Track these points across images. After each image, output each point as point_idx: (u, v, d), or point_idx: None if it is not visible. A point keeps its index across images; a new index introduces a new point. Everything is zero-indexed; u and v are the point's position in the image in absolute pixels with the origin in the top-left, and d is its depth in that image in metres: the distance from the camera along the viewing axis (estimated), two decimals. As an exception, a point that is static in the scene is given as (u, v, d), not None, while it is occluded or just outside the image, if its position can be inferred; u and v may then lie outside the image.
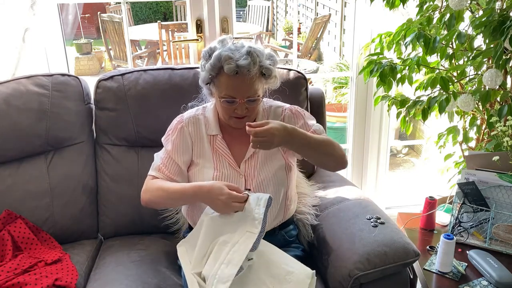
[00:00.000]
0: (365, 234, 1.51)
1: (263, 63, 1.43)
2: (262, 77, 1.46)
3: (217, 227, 1.42)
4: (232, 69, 1.38)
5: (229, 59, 1.38)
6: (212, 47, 1.47)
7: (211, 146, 1.57)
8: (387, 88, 1.87)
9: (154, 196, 1.53)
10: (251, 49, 1.41)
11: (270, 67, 1.45)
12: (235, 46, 1.43)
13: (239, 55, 1.39)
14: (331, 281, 1.51)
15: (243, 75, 1.39)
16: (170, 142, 1.57)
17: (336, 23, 5.99)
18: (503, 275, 1.54)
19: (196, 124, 1.58)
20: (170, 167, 1.55)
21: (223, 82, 1.43)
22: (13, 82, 1.77)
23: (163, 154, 1.57)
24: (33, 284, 1.46)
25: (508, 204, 1.73)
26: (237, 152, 1.56)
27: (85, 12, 8.33)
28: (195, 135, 1.57)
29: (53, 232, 1.76)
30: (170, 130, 1.59)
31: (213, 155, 1.56)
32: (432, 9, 1.78)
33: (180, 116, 1.61)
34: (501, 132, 1.71)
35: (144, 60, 5.58)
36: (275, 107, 1.62)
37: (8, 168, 1.76)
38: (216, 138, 1.57)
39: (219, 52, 1.41)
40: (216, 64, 1.41)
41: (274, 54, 1.50)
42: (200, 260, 1.41)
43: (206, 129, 1.58)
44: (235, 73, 1.39)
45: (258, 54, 1.42)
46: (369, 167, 2.58)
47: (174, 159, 1.55)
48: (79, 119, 1.84)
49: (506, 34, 1.45)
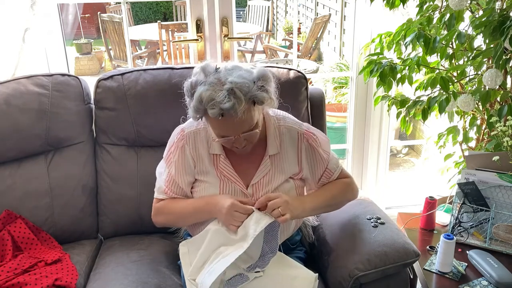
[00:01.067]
0: (365, 234, 1.51)
1: (252, 94, 1.29)
2: (255, 105, 1.33)
3: (220, 240, 1.41)
4: (216, 113, 1.26)
5: (211, 101, 1.26)
6: (193, 83, 1.33)
7: (215, 166, 1.47)
8: (387, 88, 1.87)
9: (167, 220, 1.55)
10: (233, 85, 1.26)
11: (260, 96, 1.30)
12: (218, 79, 1.29)
13: (221, 96, 1.25)
14: (331, 281, 1.51)
15: (231, 115, 1.27)
16: (173, 165, 1.49)
17: (336, 23, 5.99)
18: (503, 275, 1.54)
19: (197, 140, 1.48)
20: (174, 189, 1.51)
21: (212, 123, 1.35)
22: (13, 82, 1.77)
23: (166, 176, 1.51)
24: (33, 284, 1.46)
25: (508, 204, 1.73)
26: (243, 172, 1.47)
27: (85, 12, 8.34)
28: (195, 154, 1.48)
29: (53, 232, 1.76)
30: (172, 147, 1.50)
31: (218, 176, 1.47)
32: (432, 9, 1.78)
33: (181, 129, 1.51)
34: (501, 132, 1.71)
35: (144, 60, 5.58)
36: (288, 127, 1.50)
37: (8, 168, 1.76)
38: (220, 158, 1.47)
39: (200, 93, 1.28)
40: (199, 107, 1.30)
41: (266, 72, 1.34)
42: (198, 268, 1.42)
43: (208, 147, 1.47)
44: (221, 115, 1.27)
45: (242, 89, 1.27)
46: (369, 167, 2.58)
47: (178, 182, 1.49)
48: (79, 119, 1.84)
49: (506, 34, 1.45)
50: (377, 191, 2.64)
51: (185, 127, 1.51)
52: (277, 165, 1.49)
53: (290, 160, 1.50)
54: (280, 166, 1.49)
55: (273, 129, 1.48)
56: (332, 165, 1.54)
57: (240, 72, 1.32)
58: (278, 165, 1.49)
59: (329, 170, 1.53)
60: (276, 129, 1.49)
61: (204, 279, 1.33)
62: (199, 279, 1.37)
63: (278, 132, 1.49)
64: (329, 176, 1.54)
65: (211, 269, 1.34)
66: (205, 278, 1.33)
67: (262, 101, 1.32)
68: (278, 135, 1.49)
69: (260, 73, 1.33)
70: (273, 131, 1.48)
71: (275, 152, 1.48)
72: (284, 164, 1.49)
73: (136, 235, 1.83)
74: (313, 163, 1.52)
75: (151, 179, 1.61)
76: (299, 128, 1.51)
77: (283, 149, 1.49)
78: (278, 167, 1.49)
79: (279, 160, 1.49)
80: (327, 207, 1.54)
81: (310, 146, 1.51)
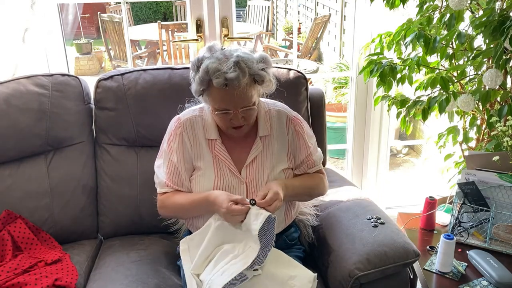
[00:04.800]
0: (365, 234, 1.51)
1: (254, 70, 1.38)
2: (255, 83, 1.41)
3: (224, 234, 1.42)
4: (221, 83, 1.34)
5: (217, 71, 1.33)
6: (200, 58, 1.41)
7: (211, 150, 1.52)
8: (387, 88, 1.87)
9: (171, 211, 1.59)
10: (239, 59, 1.35)
11: (261, 73, 1.40)
12: (224, 55, 1.37)
13: (227, 67, 1.33)
14: (331, 281, 1.51)
15: (234, 87, 1.35)
16: (174, 152, 1.52)
17: (336, 23, 5.99)
18: (503, 275, 1.54)
19: (194, 127, 1.53)
20: (175, 180, 1.52)
21: (214, 95, 1.40)
22: (13, 82, 1.77)
23: (166, 168, 1.53)
24: (33, 284, 1.46)
25: (508, 204, 1.73)
26: (237, 157, 1.53)
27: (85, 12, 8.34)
28: (193, 139, 1.53)
29: (53, 232, 1.76)
30: (171, 136, 1.54)
31: (213, 160, 1.51)
32: (432, 9, 1.78)
33: (177, 118, 1.56)
34: (501, 132, 1.71)
35: (144, 60, 5.58)
36: (278, 110, 1.57)
37: (8, 168, 1.76)
38: (216, 143, 1.52)
39: (207, 64, 1.36)
40: (204, 78, 1.37)
41: (267, 56, 1.44)
42: (201, 263, 1.42)
43: (205, 132, 1.53)
44: (225, 86, 1.34)
45: (247, 63, 1.36)
46: (369, 167, 2.58)
47: (180, 169, 1.52)
48: (79, 119, 1.84)
49: (506, 34, 1.45)
50: (377, 191, 2.64)
51: (181, 116, 1.56)
52: (267, 146, 1.54)
53: (280, 141, 1.55)
54: (270, 148, 1.54)
55: (264, 112, 1.55)
56: (317, 157, 1.61)
57: (244, 50, 1.42)
58: (268, 146, 1.54)
59: (313, 160, 1.59)
60: (267, 113, 1.56)
61: (214, 278, 1.33)
62: (207, 277, 1.35)
63: (268, 115, 1.56)
64: (311, 166, 1.60)
65: (222, 270, 1.34)
66: (214, 277, 1.33)
67: (263, 79, 1.41)
68: (269, 118, 1.55)
69: (262, 55, 1.43)
70: (263, 114, 1.55)
71: (266, 134, 1.54)
72: (274, 146, 1.54)
73: (136, 235, 1.83)
74: (296, 148, 1.57)
75: (151, 179, 1.61)
76: (288, 113, 1.59)
77: (273, 131, 1.55)
78: (269, 149, 1.54)
79: (269, 142, 1.54)
80: (302, 196, 1.64)
81: (296, 131, 1.57)
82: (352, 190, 1.83)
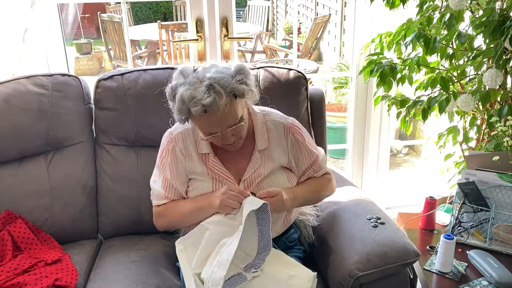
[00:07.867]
0: (365, 234, 1.51)
1: (231, 87, 1.31)
2: (236, 99, 1.35)
3: (221, 232, 1.41)
4: (199, 110, 1.29)
5: (192, 99, 1.29)
6: (173, 86, 1.36)
7: (205, 164, 1.49)
8: (387, 88, 1.87)
9: (169, 221, 1.56)
10: (212, 81, 1.29)
11: (240, 88, 1.33)
12: (197, 78, 1.32)
13: (201, 93, 1.28)
14: (331, 281, 1.51)
15: (213, 111, 1.30)
16: (167, 168, 1.51)
17: (336, 23, 5.99)
18: (503, 275, 1.54)
19: (185, 141, 1.51)
20: (173, 192, 1.53)
21: (197, 121, 1.37)
22: (13, 82, 1.77)
23: (162, 183, 1.52)
24: (33, 284, 1.46)
25: (508, 204, 1.73)
26: (234, 169, 1.50)
27: (85, 12, 8.34)
28: (186, 153, 1.51)
29: (53, 232, 1.76)
30: (163, 152, 1.53)
31: (208, 173, 1.49)
32: (432, 9, 1.78)
33: (169, 132, 1.55)
34: (501, 132, 1.70)
35: (144, 60, 5.58)
36: (274, 121, 1.54)
37: (8, 168, 1.76)
38: (208, 157, 1.49)
39: (181, 93, 1.31)
40: (182, 108, 1.33)
41: (243, 65, 1.38)
42: (202, 261, 1.41)
43: (197, 147, 1.50)
44: (204, 112, 1.30)
45: (221, 83, 1.30)
46: (369, 167, 2.58)
47: (174, 185, 1.52)
48: (79, 119, 1.84)
49: (506, 34, 1.45)
50: (377, 191, 2.64)
51: (173, 130, 1.55)
52: (267, 159, 1.52)
53: (279, 152, 1.54)
54: (270, 161, 1.52)
55: (260, 124, 1.52)
56: (322, 161, 1.60)
57: (217, 68, 1.35)
58: (267, 159, 1.52)
59: (319, 164, 1.59)
60: (263, 124, 1.53)
61: (213, 273, 1.33)
62: (207, 275, 1.35)
63: (265, 127, 1.53)
64: (318, 170, 1.60)
65: (217, 263, 1.33)
66: (213, 272, 1.33)
67: (243, 93, 1.35)
68: (266, 130, 1.52)
69: (237, 67, 1.37)
70: (260, 126, 1.52)
71: (264, 147, 1.52)
72: (273, 158, 1.53)
73: (136, 235, 1.83)
74: (298, 156, 1.56)
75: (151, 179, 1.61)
76: (285, 122, 1.55)
77: (271, 144, 1.53)
78: (268, 162, 1.52)
79: (268, 154, 1.52)
80: (310, 201, 1.63)
81: (296, 139, 1.54)
82: (352, 190, 1.83)
